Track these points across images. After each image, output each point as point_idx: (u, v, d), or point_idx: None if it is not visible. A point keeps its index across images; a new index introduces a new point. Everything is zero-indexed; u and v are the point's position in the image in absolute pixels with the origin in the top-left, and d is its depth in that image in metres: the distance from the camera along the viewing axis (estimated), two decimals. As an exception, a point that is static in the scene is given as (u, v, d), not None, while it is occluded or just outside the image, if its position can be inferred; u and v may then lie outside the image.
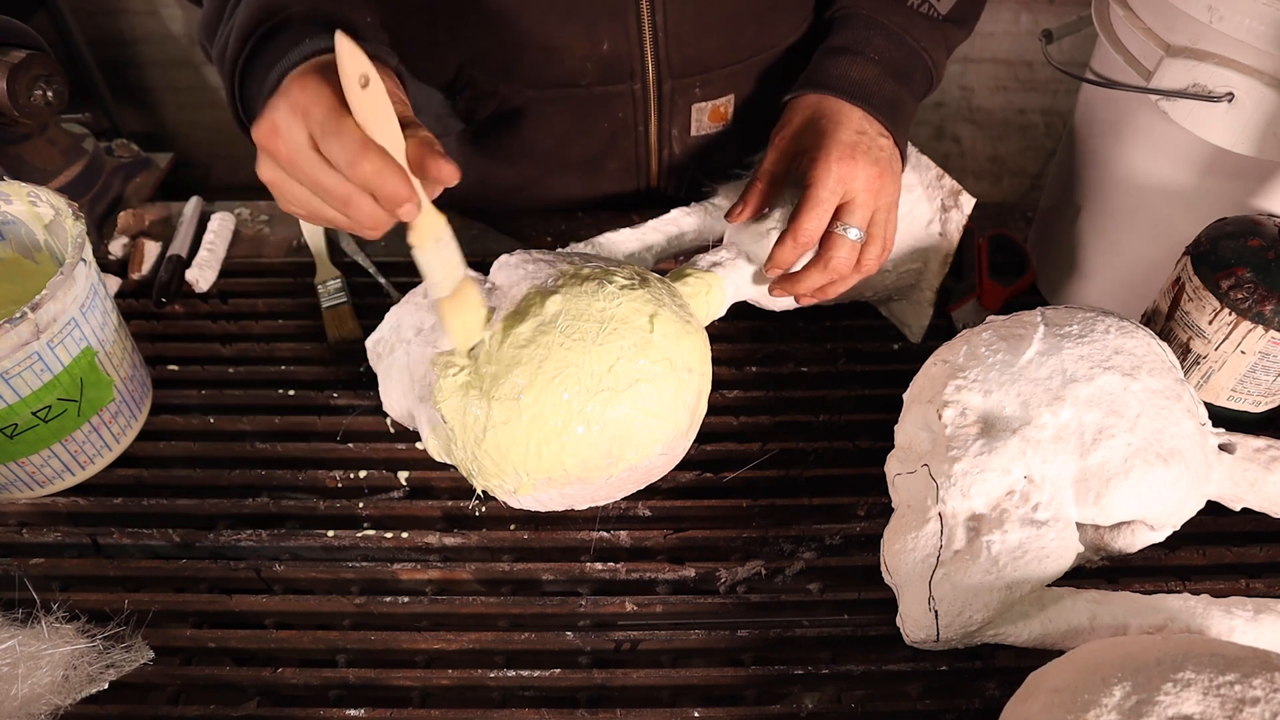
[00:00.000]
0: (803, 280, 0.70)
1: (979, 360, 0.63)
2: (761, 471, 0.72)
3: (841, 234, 0.68)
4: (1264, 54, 0.62)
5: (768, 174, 0.72)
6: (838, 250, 0.68)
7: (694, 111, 0.84)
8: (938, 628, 0.57)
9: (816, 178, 0.67)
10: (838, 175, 0.67)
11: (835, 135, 0.68)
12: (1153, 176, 0.73)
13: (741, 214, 0.72)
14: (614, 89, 0.80)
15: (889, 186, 0.69)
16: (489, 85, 0.82)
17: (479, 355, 0.62)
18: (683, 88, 0.81)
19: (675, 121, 0.84)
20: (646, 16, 0.75)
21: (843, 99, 0.71)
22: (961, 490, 0.58)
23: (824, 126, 0.69)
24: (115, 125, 1.99)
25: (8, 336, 0.60)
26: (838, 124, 0.69)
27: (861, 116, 0.70)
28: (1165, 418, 0.60)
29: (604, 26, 0.75)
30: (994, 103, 1.97)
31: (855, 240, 0.68)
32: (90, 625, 0.62)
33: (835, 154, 0.67)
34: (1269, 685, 0.45)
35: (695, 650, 0.64)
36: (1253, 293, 0.64)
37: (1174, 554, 0.67)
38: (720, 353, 0.79)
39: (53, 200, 0.68)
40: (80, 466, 0.70)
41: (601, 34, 0.76)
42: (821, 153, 0.67)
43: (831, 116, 0.70)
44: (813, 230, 0.68)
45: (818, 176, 0.67)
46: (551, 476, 0.61)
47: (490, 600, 0.65)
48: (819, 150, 0.68)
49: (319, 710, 0.60)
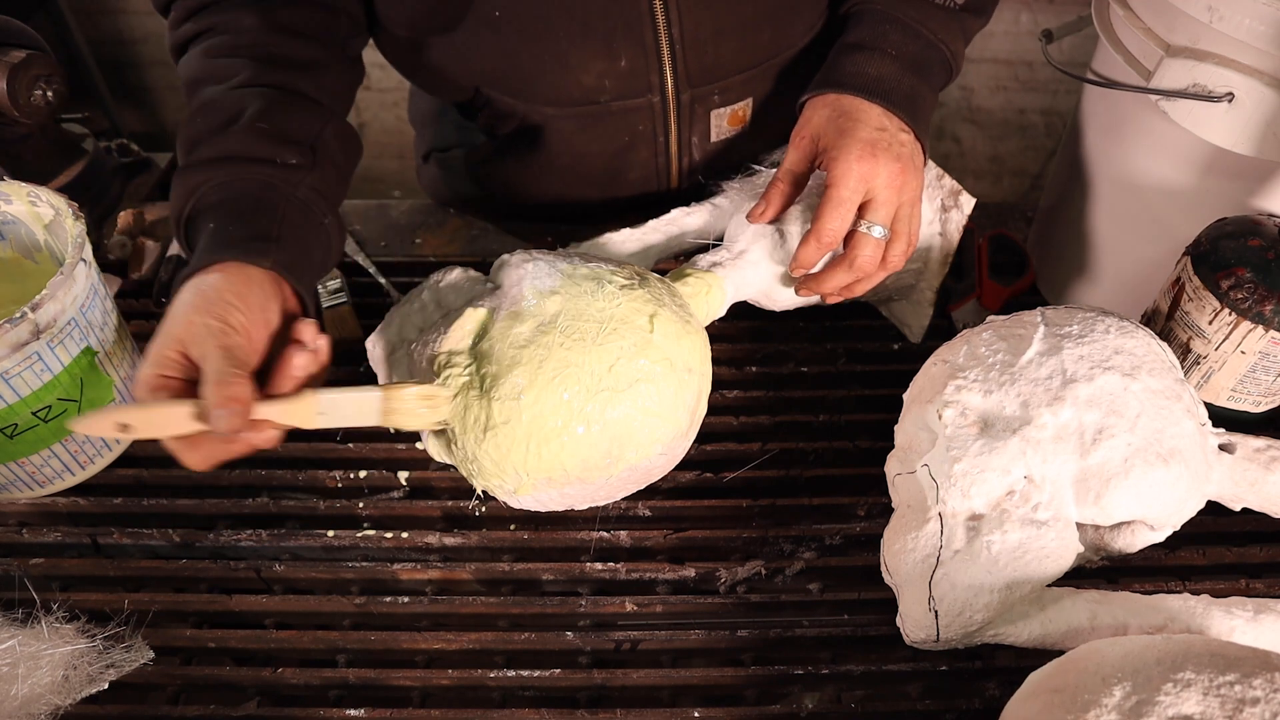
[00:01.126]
0: (828, 279, 0.70)
1: (979, 360, 0.63)
2: (761, 471, 0.72)
3: (865, 232, 0.68)
4: (1264, 54, 0.62)
5: (789, 174, 0.71)
6: (862, 249, 0.68)
7: (713, 118, 0.84)
8: (938, 628, 0.57)
9: (838, 177, 0.67)
10: (859, 174, 0.66)
11: (855, 133, 0.68)
12: (1153, 176, 0.73)
13: (764, 214, 0.71)
14: (633, 103, 0.80)
15: (911, 182, 0.69)
16: (507, 106, 0.82)
17: (479, 355, 0.62)
18: (701, 96, 0.81)
19: (695, 129, 0.84)
20: (663, 29, 0.74)
21: (861, 96, 0.70)
22: (961, 490, 0.58)
23: (843, 125, 0.69)
24: (115, 125, 1.99)
25: (8, 336, 0.60)
26: (857, 122, 0.69)
27: (881, 113, 0.70)
28: (1165, 418, 0.60)
29: (620, 42, 0.75)
30: (994, 103, 1.97)
31: (880, 238, 0.68)
32: (90, 625, 0.62)
33: (856, 152, 0.67)
34: (1269, 685, 0.45)
35: (695, 650, 0.64)
36: (1253, 293, 0.64)
37: (1174, 554, 0.67)
38: (720, 353, 0.79)
39: (53, 200, 0.68)
40: (80, 466, 0.70)
41: (619, 50, 0.75)
42: (842, 152, 0.67)
43: (850, 114, 0.69)
44: (836, 230, 0.67)
45: (839, 176, 0.67)
46: (551, 476, 0.61)
47: (490, 600, 0.65)
48: (839, 149, 0.67)
49: (319, 710, 0.60)
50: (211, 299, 0.55)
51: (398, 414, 0.58)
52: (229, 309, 0.55)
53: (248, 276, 0.58)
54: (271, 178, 0.63)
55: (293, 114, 0.67)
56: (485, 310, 0.63)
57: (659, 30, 0.74)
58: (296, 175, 0.65)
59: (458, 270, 0.71)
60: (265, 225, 0.61)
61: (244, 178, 0.63)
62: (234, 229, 0.60)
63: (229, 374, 0.52)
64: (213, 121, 0.65)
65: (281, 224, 0.62)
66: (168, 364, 0.54)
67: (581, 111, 0.80)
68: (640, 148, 0.84)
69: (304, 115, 0.68)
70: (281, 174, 0.64)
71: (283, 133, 0.65)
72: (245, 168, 0.63)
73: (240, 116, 0.65)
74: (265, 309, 0.57)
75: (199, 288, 0.56)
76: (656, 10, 0.73)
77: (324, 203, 0.66)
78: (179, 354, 0.54)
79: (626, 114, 0.81)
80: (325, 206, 0.66)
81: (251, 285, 0.57)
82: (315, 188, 0.66)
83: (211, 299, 0.55)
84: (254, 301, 0.57)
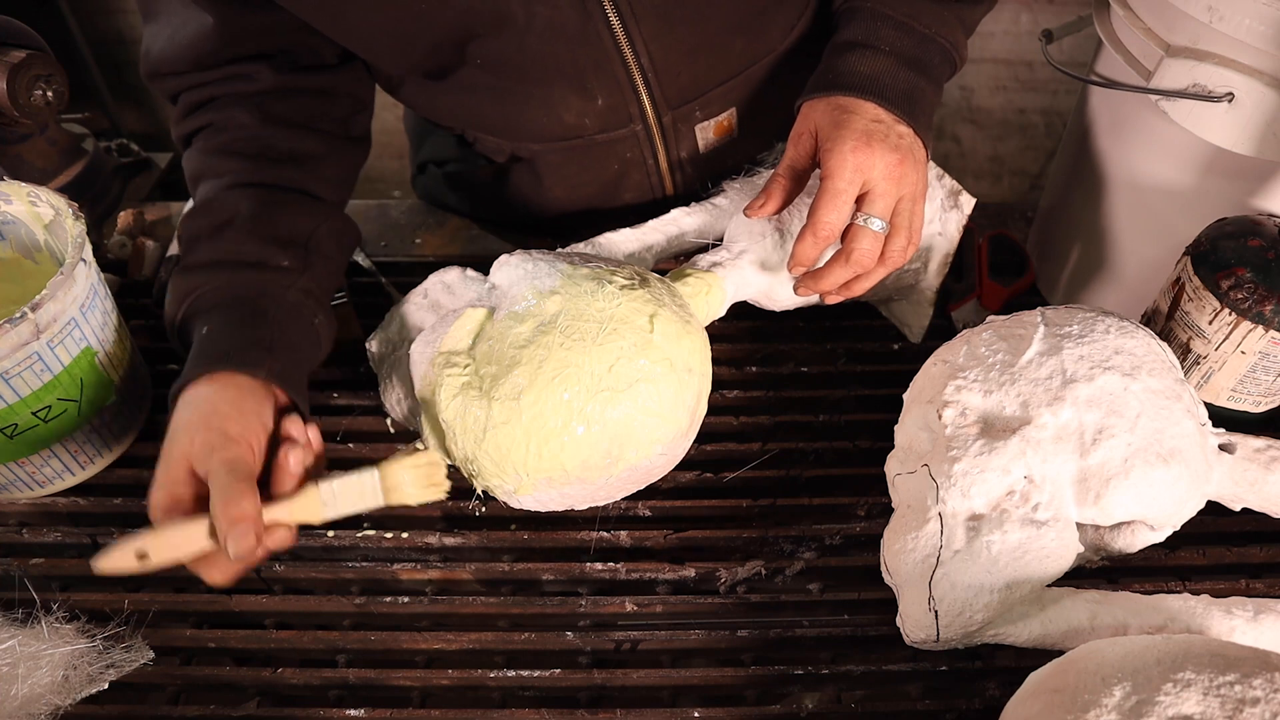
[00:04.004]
0: (826, 276, 0.68)
1: (979, 360, 0.63)
2: (761, 471, 0.72)
3: (863, 225, 0.66)
4: (1264, 54, 0.62)
5: (790, 169, 0.70)
6: (859, 242, 0.66)
7: (698, 132, 0.83)
8: (938, 628, 0.57)
9: (833, 169, 0.65)
10: (854, 165, 0.65)
11: (851, 125, 0.66)
12: (1153, 176, 0.73)
13: (763, 208, 0.70)
14: (616, 134, 0.80)
15: (911, 175, 0.67)
16: (493, 143, 0.84)
17: (479, 355, 0.62)
18: (683, 115, 0.81)
19: (682, 147, 0.84)
20: (633, 61, 0.74)
21: (854, 95, 0.69)
22: (961, 490, 0.58)
23: (839, 118, 0.68)
24: (115, 125, 1.98)
25: (8, 336, 0.60)
26: (853, 114, 0.68)
27: (875, 108, 0.69)
28: (1165, 418, 0.60)
29: (594, 81, 0.75)
30: (994, 103, 1.97)
31: (878, 231, 0.66)
32: (90, 625, 0.62)
33: (851, 143, 0.65)
34: (1269, 685, 0.45)
35: (695, 650, 0.64)
36: (1253, 293, 0.64)
37: (1174, 554, 0.67)
38: (720, 353, 0.79)
39: (53, 200, 0.68)
40: (80, 466, 0.70)
41: (593, 89, 0.75)
42: (837, 143, 0.66)
43: (846, 108, 0.68)
44: (832, 222, 0.65)
45: (834, 167, 0.65)
46: (551, 476, 0.61)
47: (490, 600, 0.65)
48: (834, 141, 0.66)
49: (319, 710, 0.60)
50: (208, 413, 0.57)
51: (397, 491, 0.59)
52: (226, 420, 0.57)
53: (240, 385, 0.60)
54: (263, 283, 0.66)
55: (286, 214, 0.69)
56: (485, 310, 0.63)
57: (629, 63, 0.74)
58: (288, 278, 0.67)
59: (457, 270, 0.71)
60: (256, 334, 0.63)
61: (236, 283, 0.65)
62: (226, 338, 0.62)
63: (235, 490, 0.54)
64: (208, 222, 0.67)
65: (272, 331, 0.64)
66: (176, 484, 0.56)
67: (567, 145, 0.81)
68: (631, 172, 0.85)
69: (297, 214, 0.70)
70: (273, 278, 0.66)
71: (275, 234, 0.68)
72: (237, 273, 0.65)
73: (234, 219, 0.67)
74: (260, 414, 0.59)
75: (194, 403, 0.59)
76: (622, 45, 0.72)
77: (314, 303, 0.68)
78: (185, 472, 0.56)
79: (612, 144, 0.81)
80: (315, 306, 0.68)
81: (244, 393, 0.59)
82: (306, 289, 0.68)
83: (208, 413, 0.57)
84: (249, 408, 0.59)
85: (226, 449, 0.56)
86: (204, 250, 0.66)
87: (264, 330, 0.63)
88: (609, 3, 0.69)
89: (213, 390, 0.59)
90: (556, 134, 0.80)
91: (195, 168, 0.71)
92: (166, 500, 0.55)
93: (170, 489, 0.55)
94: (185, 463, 0.56)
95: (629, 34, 0.71)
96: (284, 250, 0.68)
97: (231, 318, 0.63)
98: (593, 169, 0.83)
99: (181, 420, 0.58)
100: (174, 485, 0.56)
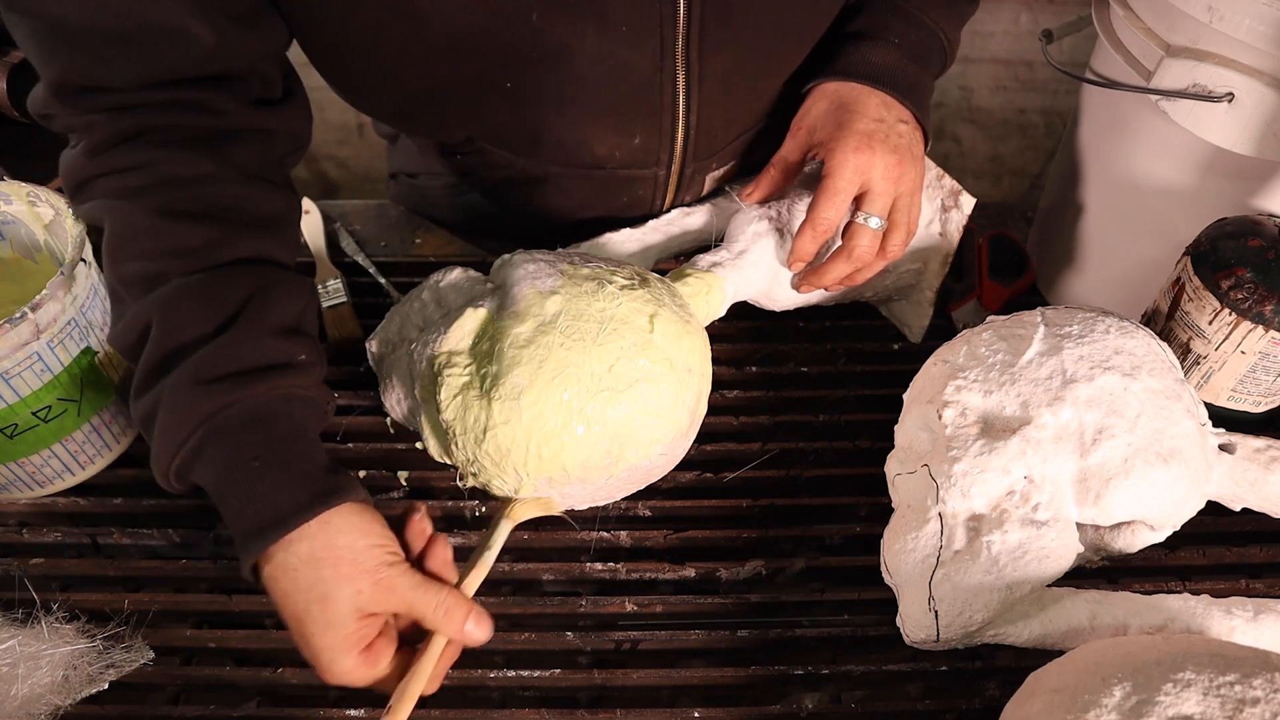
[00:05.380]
0: (828, 272, 0.70)
1: (979, 360, 0.63)
2: (761, 471, 0.72)
3: (862, 223, 0.68)
4: (1264, 54, 0.62)
5: (782, 160, 0.73)
6: (859, 239, 0.68)
7: (707, 180, 0.84)
8: (938, 628, 0.57)
9: (834, 168, 0.67)
10: (854, 165, 0.67)
11: (852, 125, 0.68)
12: (1153, 176, 0.73)
13: (753, 195, 0.73)
14: (639, 173, 0.79)
15: (909, 173, 0.69)
16: (503, 159, 0.78)
17: (479, 355, 0.62)
18: (702, 168, 0.81)
19: (689, 191, 0.84)
20: (681, 117, 0.73)
21: (863, 84, 0.71)
22: (961, 490, 0.58)
23: (841, 118, 0.69)
24: (115, 125, 1.98)
25: (8, 336, 0.60)
26: (854, 113, 0.69)
27: (880, 103, 0.70)
28: (1165, 418, 0.60)
29: (638, 124, 0.74)
30: (994, 103, 1.97)
31: (876, 229, 0.69)
32: (90, 625, 0.62)
33: (853, 144, 0.67)
34: (1269, 685, 0.45)
35: (695, 650, 0.64)
36: (1253, 293, 0.64)
37: (1174, 554, 0.67)
38: (720, 353, 0.79)
39: (53, 200, 0.68)
40: (80, 466, 0.70)
41: (634, 130, 0.74)
42: (839, 144, 0.68)
43: (849, 105, 0.70)
44: (831, 219, 0.68)
45: (835, 167, 0.67)
46: (551, 476, 0.61)
47: (490, 600, 0.65)
48: (836, 141, 0.68)
49: (319, 710, 0.60)
50: (350, 560, 0.52)
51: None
52: (376, 550, 0.53)
53: (344, 514, 0.54)
54: (289, 387, 0.57)
55: (279, 293, 0.60)
56: (485, 310, 0.63)
57: (678, 117, 0.73)
58: (311, 374, 0.59)
59: (458, 270, 0.71)
60: (319, 456, 0.56)
61: (261, 394, 0.56)
62: (299, 470, 0.54)
63: (445, 599, 0.53)
64: (205, 315, 0.56)
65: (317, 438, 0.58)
66: (361, 637, 0.52)
67: (586, 173, 0.79)
68: (636, 206, 0.84)
69: (286, 293, 0.60)
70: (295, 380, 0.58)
71: (282, 323, 0.59)
72: (263, 381, 0.56)
73: (240, 311, 0.57)
74: (380, 528, 0.55)
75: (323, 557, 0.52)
76: (679, 99, 0.72)
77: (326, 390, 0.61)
78: (360, 622, 0.52)
79: (630, 181, 0.80)
80: (327, 394, 0.61)
81: (354, 517, 0.54)
82: (320, 378, 0.61)
83: (350, 560, 0.52)
84: (374, 530, 0.54)
85: (405, 575, 0.53)
86: (216, 358, 0.55)
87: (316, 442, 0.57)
88: (682, 59, 0.68)
89: (330, 533, 0.53)
90: (582, 161, 0.77)
91: (136, 227, 0.58)
92: (363, 659, 0.52)
93: (358, 643, 0.52)
94: (357, 615, 0.52)
95: (688, 91, 0.71)
96: (296, 341, 0.59)
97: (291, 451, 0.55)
98: (601, 197, 0.82)
99: (318, 579, 0.52)
100: (360, 640, 0.52)
